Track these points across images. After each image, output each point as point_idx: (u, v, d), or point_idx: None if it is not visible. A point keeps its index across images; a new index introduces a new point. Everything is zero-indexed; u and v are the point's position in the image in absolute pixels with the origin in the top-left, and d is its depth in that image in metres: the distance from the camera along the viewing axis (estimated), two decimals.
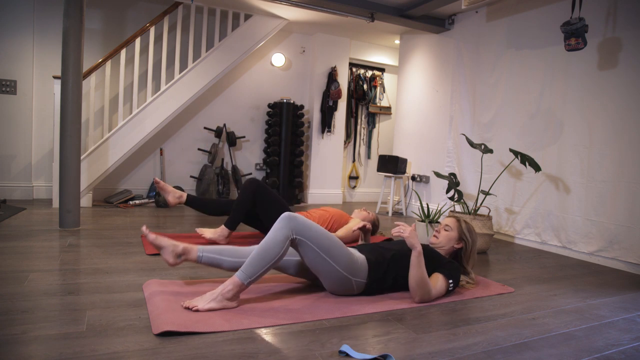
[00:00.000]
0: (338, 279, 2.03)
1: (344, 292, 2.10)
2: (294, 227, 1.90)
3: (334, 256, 1.97)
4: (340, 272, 2.00)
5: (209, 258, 2.02)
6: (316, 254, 1.95)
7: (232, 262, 2.02)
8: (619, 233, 3.16)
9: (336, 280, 2.04)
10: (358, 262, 2.06)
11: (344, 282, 2.04)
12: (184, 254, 2.01)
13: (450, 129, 4.75)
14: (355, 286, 2.08)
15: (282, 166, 5.40)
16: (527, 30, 3.92)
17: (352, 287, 2.08)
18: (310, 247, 1.93)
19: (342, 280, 2.03)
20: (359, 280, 2.07)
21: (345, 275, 2.02)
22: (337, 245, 2.00)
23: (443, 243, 2.33)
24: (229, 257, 2.03)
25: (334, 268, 1.99)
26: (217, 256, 2.02)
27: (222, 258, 2.03)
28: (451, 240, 2.32)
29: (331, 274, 2.01)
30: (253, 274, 1.84)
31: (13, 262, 2.37)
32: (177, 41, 4.73)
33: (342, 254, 2.00)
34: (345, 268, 2.01)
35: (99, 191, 4.80)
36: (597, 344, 1.77)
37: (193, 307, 1.80)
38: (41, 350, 1.42)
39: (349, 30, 5.50)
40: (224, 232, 3.07)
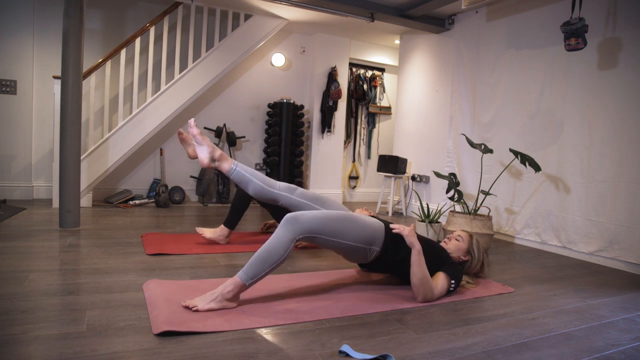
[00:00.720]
0: (353, 252, 2.09)
1: (358, 260, 2.18)
2: (297, 229, 1.89)
3: (346, 236, 2.01)
4: (355, 245, 2.06)
5: (240, 174, 2.07)
6: (327, 240, 1.99)
7: (259, 185, 2.08)
8: (619, 233, 3.16)
9: (352, 252, 2.10)
10: (374, 230, 2.11)
11: (360, 251, 2.10)
12: (220, 160, 2.07)
13: (450, 129, 4.75)
14: (369, 255, 2.13)
15: (282, 166, 5.40)
16: (527, 30, 3.92)
17: (366, 256, 2.13)
18: (320, 238, 1.96)
19: (358, 251, 2.09)
20: (374, 249, 2.12)
21: (361, 247, 2.08)
22: (346, 223, 2.02)
23: (451, 251, 2.36)
24: (258, 179, 2.08)
25: (348, 245, 2.04)
26: (247, 175, 2.07)
27: (251, 178, 2.07)
28: (459, 251, 2.36)
29: (346, 249, 2.07)
30: (255, 275, 1.84)
31: (13, 262, 2.37)
32: (177, 41, 4.73)
33: (354, 230, 2.03)
34: (360, 241, 2.05)
35: (99, 191, 4.80)
36: (597, 344, 1.77)
37: (193, 306, 1.80)
38: (41, 350, 1.42)
39: (349, 30, 5.50)
40: (224, 231, 3.07)
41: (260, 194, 2.12)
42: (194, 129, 2.05)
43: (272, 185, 2.13)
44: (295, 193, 2.18)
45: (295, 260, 2.80)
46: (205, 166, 2.06)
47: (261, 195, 2.13)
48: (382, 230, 2.14)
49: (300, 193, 2.19)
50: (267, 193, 2.12)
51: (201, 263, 2.59)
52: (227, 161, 2.07)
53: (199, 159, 2.07)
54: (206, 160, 2.05)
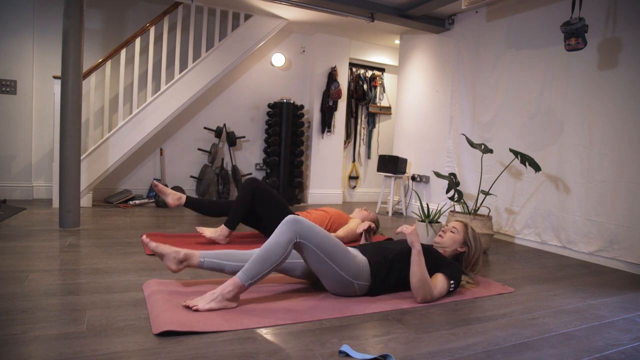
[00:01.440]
0: (340, 282, 2.04)
1: (346, 293, 2.11)
2: (297, 231, 1.89)
3: (336, 260, 1.97)
4: (342, 275, 2.01)
5: (211, 263, 2.03)
6: (319, 257, 1.95)
7: (234, 266, 2.02)
8: (619, 233, 3.16)
9: (338, 283, 2.04)
10: (360, 266, 2.07)
11: (347, 284, 2.05)
12: (186, 260, 2.02)
13: (450, 129, 4.75)
14: (358, 288, 2.08)
15: (282, 166, 5.40)
16: (527, 30, 3.92)
17: (354, 289, 2.08)
18: (313, 251, 1.93)
19: (345, 283, 2.04)
20: (362, 283, 2.08)
21: (348, 279, 2.03)
22: (340, 249, 2.00)
23: (447, 244, 2.33)
24: (230, 261, 2.03)
25: (336, 272, 1.99)
26: (218, 261, 2.03)
27: (223, 262, 2.03)
28: (455, 243, 2.33)
29: (334, 277, 2.01)
30: (254, 275, 1.84)
31: (13, 262, 2.37)
32: (177, 41, 4.73)
33: (345, 258, 2.00)
34: (347, 272, 2.01)
35: (99, 191, 4.80)
36: (597, 344, 1.77)
37: (193, 306, 1.80)
38: (41, 350, 1.42)
39: (349, 30, 5.50)
40: (224, 231, 3.07)
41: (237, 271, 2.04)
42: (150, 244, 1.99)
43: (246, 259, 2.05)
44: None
45: None
46: (174, 271, 2.02)
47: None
48: (366, 264, 2.09)
49: None
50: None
51: None
52: (193, 257, 2.02)
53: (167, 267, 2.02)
54: (173, 267, 2.00)
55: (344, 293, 2.10)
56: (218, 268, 2.04)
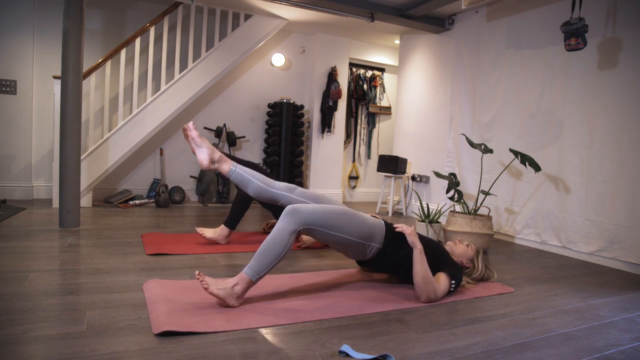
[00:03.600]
0: (352, 246, 2.09)
1: (357, 256, 2.17)
2: (298, 220, 1.91)
3: (345, 230, 2.01)
4: (354, 240, 2.05)
5: (239, 174, 2.07)
6: (328, 234, 1.99)
7: (259, 186, 2.07)
8: (619, 233, 3.16)
9: (352, 248, 2.10)
10: (375, 227, 2.11)
11: (359, 247, 2.10)
12: (219, 162, 2.07)
13: (450, 129, 4.75)
14: (369, 251, 2.13)
15: (282, 166, 5.40)
16: (527, 30, 3.92)
17: (365, 252, 2.13)
18: (320, 231, 1.97)
19: (358, 245, 2.09)
20: (373, 245, 2.12)
21: (360, 242, 2.07)
22: (346, 218, 2.03)
23: (458, 253, 2.39)
24: (257, 180, 2.08)
25: (347, 239, 2.04)
26: (247, 175, 2.07)
27: (250, 178, 2.07)
28: (464, 256, 2.40)
29: (347, 244, 2.06)
30: (261, 270, 1.87)
31: (13, 262, 2.37)
32: (177, 41, 4.73)
33: (353, 224, 2.04)
34: (359, 236, 2.05)
35: (99, 191, 4.80)
36: (597, 344, 1.77)
37: (203, 282, 1.81)
38: (41, 350, 1.42)
39: (349, 30, 5.49)
40: (224, 231, 3.07)
41: (260, 194, 2.12)
42: (192, 132, 2.05)
43: (272, 185, 2.13)
44: (294, 192, 2.18)
45: (295, 260, 2.80)
46: (205, 168, 2.06)
47: (261, 195, 2.13)
48: (382, 227, 2.15)
49: (300, 192, 2.20)
50: (266, 193, 2.12)
51: (201, 263, 2.59)
52: (226, 162, 2.08)
53: (199, 161, 2.07)
54: (205, 162, 2.05)
55: (356, 255, 2.17)
56: (244, 182, 2.08)
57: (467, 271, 2.41)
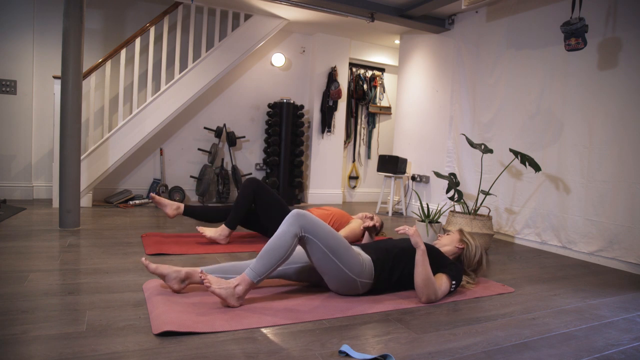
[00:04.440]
0: (344, 280, 2.03)
1: (349, 292, 2.10)
2: (303, 225, 1.90)
3: (340, 257, 1.97)
4: (346, 272, 2.01)
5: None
6: (323, 253, 1.95)
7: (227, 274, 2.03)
8: (619, 233, 3.16)
9: (342, 281, 2.04)
10: (364, 263, 2.07)
11: (350, 282, 2.04)
12: (188, 277, 2.02)
13: (450, 129, 4.75)
14: (361, 286, 2.08)
15: (282, 166, 5.40)
16: (527, 30, 3.92)
17: (357, 287, 2.08)
18: (318, 246, 1.94)
19: (348, 280, 2.03)
20: (365, 281, 2.08)
21: (351, 276, 2.02)
22: (344, 246, 2.01)
23: (445, 242, 2.39)
24: (233, 274, 2.03)
25: (340, 268, 1.99)
26: (221, 275, 2.02)
27: (227, 276, 2.02)
28: (453, 242, 2.39)
29: (337, 274, 2.01)
30: (263, 272, 1.86)
31: (13, 262, 2.37)
32: (177, 41, 4.73)
33: (348, 255, 2.00)
34: (351, 269, 2.01)
35: (99, 191, 4.80)
36: (597, 344, 1.77)
37: (205, 279, 1.81)
38: (41, 350, 1.42)
39: (349, 30, 5.50)
40: (225, 231, 3.07)
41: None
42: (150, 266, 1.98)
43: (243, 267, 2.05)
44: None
45: None
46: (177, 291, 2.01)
47: None
48: (370, 262, 2.10)
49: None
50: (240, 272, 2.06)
51: (201, 263, 2.59)
52: (195, 275, 2.02)
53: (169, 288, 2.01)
54: (175, 287, 1.99)
55: (346, 292, 2.10)
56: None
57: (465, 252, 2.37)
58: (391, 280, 2.16)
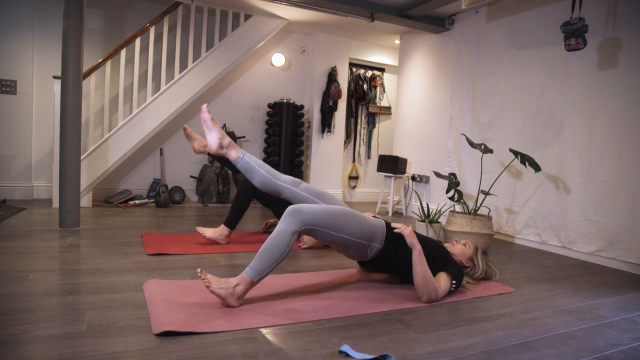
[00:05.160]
0: (353, 247, 2.08)
1: (358, 256, 2.17)
2: (300, 220, 1.91)
3: (346, 230, 2.01)
4: (354, 240, 2.05)
5: (247, 163, 2.08)
6: (330, 235, 1.99)
7: (264, 176, 2.07)
8: (619, 233, 3.16)
9: (353, 249, 2.10)
10: (375, 227, 2.11)
11: (359, 248, 2.09)
12: (228, 147, 2.08)
13: (450, 129, 4.75)
14: (369, 251, 2.12)
15: (282, 166, 5.40)
16: (527, 30, 3.92)
17: (365, 252, 2.12)
18: (321, 231, 1.97)
19: (358, 246, 2.08)
20: (374, 245, 2.12)
21: (361, 242, 2.07)
22: (347, 218, 2.03)
23: (456, 253, 2.39)
24: (264, 170, 2.08)
25: (348, 240, 2.03)
26: (254, 164, 2.08)
27: (257, 168, 2.08)
28: (463, 255, 2.39)
29: (348, 244, 2.06)
30: (262, 271, 1.87)
31: (13, 262, 2.37)
32: (177, 41, 4.73)
33: (354, 225, 2.04)
34: (359, 236, 2.05)
35: (99, 191, 4.80)
36: (597, 344, 1.77)
37: (205, 280, 1.81)
38: (41, 350, 1.42)
39: (349, 30, 5.49)
40: (224, 231, 3.07)
41: (265, 185, 2.12)
42: (205, 114, 2.05)
43: (277, 177, 2.13)
44: (299, 187, 2.18)
45: (295, 260, 2.80)
46: (213, 152, 2.06)
47: (265, 186, 2.12)
48: (382, 228, 2.15)
49: (305, 187, 2.19)
50: (271, 184, 2.12)
51: (201, 263, 2.59)
52: (235, 149, 2.08)
53: (208, 144, 2.07)
54: (214, 146, 2.05)
55: (354, 255, 2.17)
56: (250, 171, 2.08)
57: (468, 270, 2.40)
58: (396, 256, 2.17)
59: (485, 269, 2.44)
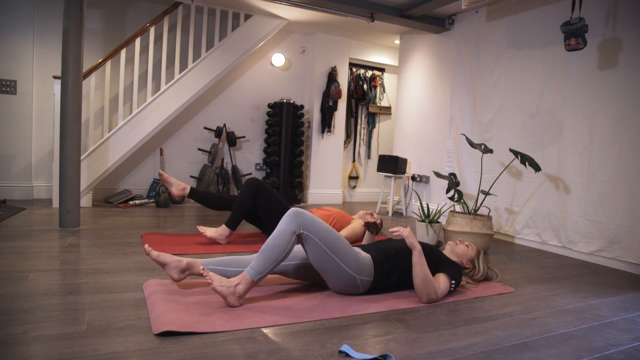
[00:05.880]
0: (343, 278, 2.03)
1: (349, 291, 2.10)
2: (301, 223, 1.90)
3: (339, 254, 1.97)
4: (346, 270, 2.00)
5: (214, 270, 2.03)
6: (322, 251, 1.95)
7: (238, 272, 2.02)
8: (619, 233, 3.16)
9: (341, 279, 2.04)
10: (364, 261, 2.07)
11: (350, 280, 2.04)
12: (188, 268, 2.04)
13: (450, 129, 4.75)
14: (361, 284, 2.08)
15: (282, 166, 5.40)
16: (527, 30, 3.92)
17: (357, 285, 2.07)
18: (316, 243, 1.94)
19: (348, 278, 2.03)
20: (365, 279, 2.07)
21: (351, 274, 2.02)
22: (343, 243, 2.01)
23: (458, 253, 2.38)
24: (233, 267, 2.04)
25: (339, 266, 1.99)
26: (221, 267, 2.04)
27: (226, 269, 2.04)
28: (465, 256, 2.38)
29: (337, 271, 2.01)
30: (262, 270, 1.87)
31: (13, 262, 2.37)
32: (177, 41, 4.73)
33: (348, 252, 2.01)
34: (350, 266, 2.01)
35: (99, 191, 4.80)
36: (597, 344, 1.77)
37: (207, 276, 1.81)
38: (41, 350, 1.42)
39: (349, 30, 5.50)
40: (225, 231, 3.07)
41: None
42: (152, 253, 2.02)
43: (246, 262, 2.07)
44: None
45: None
46: (177, 281, 2.05)
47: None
48: (370, 260, 2.10)
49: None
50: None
51: None
52: (195, 265, 2.05)
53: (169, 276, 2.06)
54: (175, 276, 2.03)
55: (346, 290, 2.10)
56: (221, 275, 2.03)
57: (468, 272, 2.40)
58: (390, 279, 2.16)
59: (486, 272, 2.44)
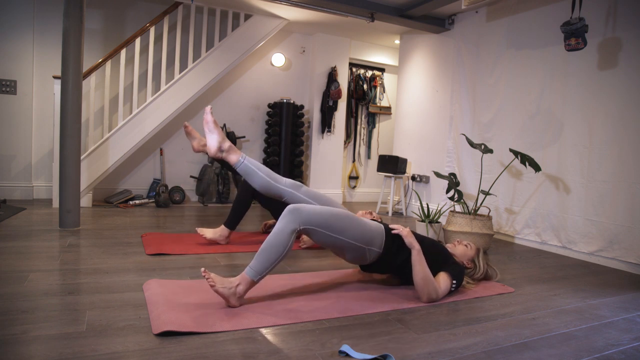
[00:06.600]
0: (353, 250, 2.07)
1: (356, 260, 2.15)
2: (299, 220, 1.90)
3: (345, 233, 2.00)
4: (353, 244, 2.03)
5: (247, 167, 2.08)
6: (327, 236, 1.97)
7: (265, 180, 2.07)
8: (619, 233, 3.16)
9: (351, 252, 2.08)
10: (375, 231, 2.10)
11: (359, 251, 2.07)
12: (228, 151, 2.07)
13: (450, 129, 4.75)
14: (369, 255, 2.10)
15: (282, 166, 5.40)
16: (527, 30, 3.92)
17: (365, 256, 2.10)
18: (320, 232, 1.95)
19: (357, 249, 2.06)
20: (374, 250, 2.10)
21: (360, 246, 2.05)
22: (347, 221, 2.02)
23: (458, 254, 2.38)
24: (264, 174, 2.08)
25: (347, 242, 2.02)
26: (254, 168, 2.08)
27: (257, 172, 2.08)
28: (465, 257, 2.39)
29: (346, 247, 2.04)
30: (262, 270, 1.87)
31: (13, 262, 2.37)
32: (177, 41, 4.73)
33: (354, 228, 2.02)
34: (359, 239, 2.04)
35: (99, 191, 4.80)
36: (597, 344, 1.77)
37: (209, 279, 1.81)
38: (41, 350, 1.42)
39: (349, 30, 5.49)
40: (224, 232, 3.07)
41: (266, 188, 2.12)
42: (208, 116, 2.06)
43: (278, 181, 2.13)
44: (300, 190, 2.18)
45: (295, 260, 2.80)
46: (212, 155, 2.07)
47: (266, 190, 2.13)
48: (381, 232, 2.13)
49: (305, 191, 2.20)
50: (272, 188, 2.12)
51: (201, 263, 2.59)
52: (235, 154, 2.08)
53: (207, 147, 2.08)
54: (213, 149, 2.05)
55: (354, 259, 2.15)
56: (251, 175, 2.09)
57: (468, 271, 2.40)
58: (398, 257, 2.16)
59: (487, 270, 2.45)
